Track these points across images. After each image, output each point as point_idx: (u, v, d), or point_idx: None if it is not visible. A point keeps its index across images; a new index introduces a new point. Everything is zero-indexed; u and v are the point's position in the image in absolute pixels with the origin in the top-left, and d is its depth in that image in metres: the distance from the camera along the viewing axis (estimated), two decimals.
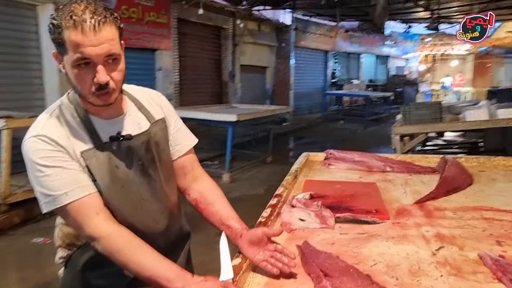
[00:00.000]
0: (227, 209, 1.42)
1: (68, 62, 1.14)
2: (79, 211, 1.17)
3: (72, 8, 1.10)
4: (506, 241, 1.47)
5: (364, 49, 18.42)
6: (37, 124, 1.22)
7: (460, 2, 11.55)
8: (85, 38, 1.08)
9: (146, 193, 1.32)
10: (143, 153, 1.33)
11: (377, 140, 10.28)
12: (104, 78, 1.13)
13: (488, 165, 2.65)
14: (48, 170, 1.16)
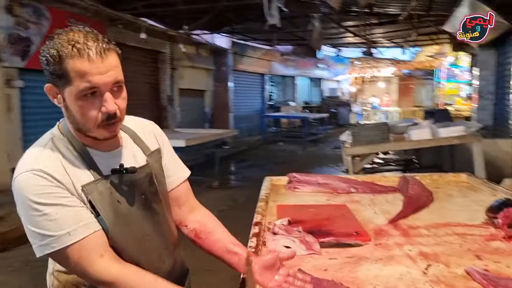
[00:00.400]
0: (230, 237, 1.37)
1: (71, 93, 1.06)
2: (82, 254, 1.06)
3: (70, 37, 1.05)
4: (485, 255, 1.56)
5: (298, 72, 19.07)
6: (29, 157, 1.11)
7: (386, 29, 12.37)
8: (92, 66, 1.03)
9: (149, 228, 1.24)
10: (147, 186, 1.25)
11: (317, 160, 10.59)
12: (113, 107, 1.08)
13: (441, 181, 2.82)
14: (46, 209, 1.04)
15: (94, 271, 1.07)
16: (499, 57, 7.96)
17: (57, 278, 1.21)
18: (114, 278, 1.07)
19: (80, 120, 1.10)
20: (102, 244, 1.10)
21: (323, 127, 15.66)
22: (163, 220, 1.32)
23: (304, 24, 10.19)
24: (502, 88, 7.65)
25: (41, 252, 1.06)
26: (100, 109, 1.08)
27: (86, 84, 1.04)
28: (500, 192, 2.36)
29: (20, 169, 1.08)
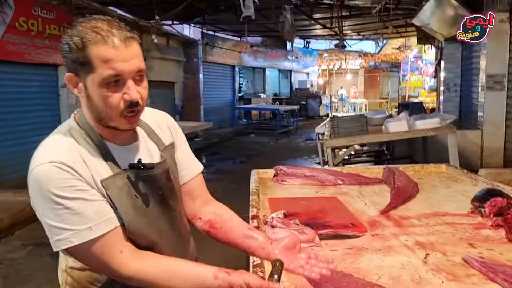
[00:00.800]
0: (245, 224, 1.36)
1: (94, 81, 1.03)
2: (104, 249, 1.04)
3: (93, 24, 1.02)
4: (477, 243, 1.63)
5: (268, 63, 19.08)
6: (48, 148, 1.07)
7: (354, 22, 12.57)
8: (117, 52, 1.01)
9: (165, 224, 1.22)
10: (164, 182, 1.23)
11: (290, 152, 10.67)
12: (136, 95, 1.06)
13: (423, 172, 2.91)
14: (68, 202, 1.01)
15: (114, 266, 1.06)
16: (464, 51, 8.25)
17: (70, 275, 1.18)
18: (134, 273, 1.07)
19: (102, 108, 1.06)
20: (122, 240, 1.09)
21: (293, 119, 15.76)
22: (179, 216, 1.31)
23: (274, 15, 10.22)
24: (467, 81, 7.95)
25: (58, 247, 1.03)
26: (123, 97, 1.05)
27: (110, 71, 1.02)
28: (481, 182, 2.47)
29: (39, 161, 1.04)
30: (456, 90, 8.41)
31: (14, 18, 7.04)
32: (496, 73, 5.88)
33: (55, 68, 8.41)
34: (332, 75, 26.98)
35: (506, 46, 5.79)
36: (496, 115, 5.95)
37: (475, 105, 7.05)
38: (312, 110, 19.21)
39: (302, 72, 22.87)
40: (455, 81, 8.47)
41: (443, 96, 8.79)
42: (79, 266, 1.15)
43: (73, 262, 1.16)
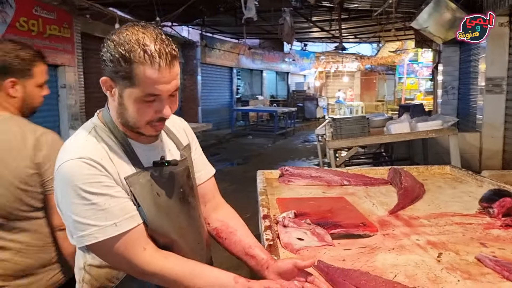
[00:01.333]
0: (250, 238, 1.35)
1: (132, 95, 1.07)
2: (127, 246, 1.06)
3: (140, 38, 1.03)
4: (489, 243, 1.65)
5: (265, 65, 19.13)
6: (75, 145, 1.10)
7: (352, 25, 12.62)
8: (160, 75, 1.04)
9: (185, 221, 1.24)
10: (185, 180, 1.26)
11: (288, 153, 10.70)
12: (169, 113, 1.11)
13: (427, 173, 2.93)
14: (96, 198, 1.03)
15: (137, 262, 1.08)
16: (462, 54, 8.30)
17: (88, 272, 1.19)
18: (158, 270, 1.09)
19: (133, 118, 1.10)
20: (145, 237, 1.11)
21: (291, 121, 15.79)
22: (198, 214, 1.33)
23: (273, 18, 10.25)
24: (465, 84, 8.00)
25: (82, 242, 1.05)
26: (156, 111, 1.09)
27: (151, 90, 1.05)
28: (486, 183, 2.50)
29: (67, 156, 1.06)
30: (454, 92, 8.46)
31: (15, 18, 7.04)
32: (496, 76, 5.92)
33: (55, 69, 8.40)
34: (329, 78, 27.07)
35: (505, 49, 5.84)
36: (495, 118, 5.99)
37: (473, 108, 7.10)
38: (309, 112, 19.25)
39: (299, 74, 22.93)
40: (453, 84, 8.52)
41: (441, 98, 8.85)
42: (98, 263, 1.16)
43: (92, 259, 1.17)
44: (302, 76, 23.33)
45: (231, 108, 16.11)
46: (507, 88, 5.89)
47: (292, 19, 9.86)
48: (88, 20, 8.79)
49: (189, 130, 1.43)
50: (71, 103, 8.66)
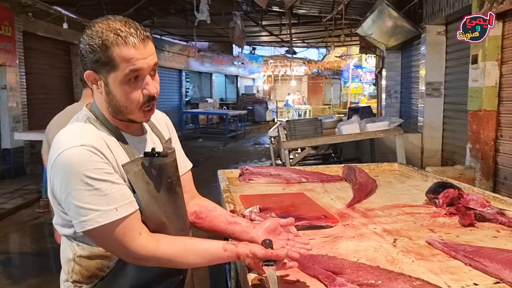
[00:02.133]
0: (228, 212, 1.49)
1: (116, 79, 1.11)
2: (126, 230, 1.10)
3: (111, 25, 1.09)
4: (436, 229, 1.83)
5: (215, 68, 19.16)
6: (73, 133, 1.13)
7: (300, 30, 12.98)
8: (137, 51, 1.10)
9: (171, 210, 1.29)
10: (173, 171, 1.31)
11: (240, 156, 10.81)
12: (154, 89, 1.15)
13: (378, 170, 3.14)
14: (98, 184, 1.07)
15: (134, 247, 1.12)
16: (404, 60, 8.83)
17: (78, 263, 1.20)
18: (152, 254, 1.13)
19: (123, 103, 1.14)
20: (141, 222, 1.15)
21: (241, 124, 15.93)
22: (183, 203, 1.39)
23: (223, 21, 10.35)
24: (407, 88, 8.51)
25: (83, 227, 1.08)
26: (142, 92, 1.14)
27: (131, 67, 1.09)
28: (431, 178, 2.72)
29: (67, 144, 1.08)
30: (396, 96, 8.96)
31: None
32: (434, 81, 6.37)
33: None
34: (277, 81, 27.54)
35: (442, 56, 6.30)
36: (435, 119, 6.44)
37: (414, 110, 7.56)
38: (259, 115, 19.49)
39: (248, 77, 23.16)
40: (395, 88, 9.02)
41: (385, 102, 9.32)
42: (88, 254, 1.18)
43: (82, 250, 1.19)
44: (251, 79, 23.57)
45: (181, 111, 16.00)
46: (444, 92, 6.35)
47: (243, 23, 10.01)
48: (31, 18, 8.43)
49: (170, 123, 1.49)
50: (12, 105, 8.24)
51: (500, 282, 1.31)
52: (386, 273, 1.24)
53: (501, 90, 4.40)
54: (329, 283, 1.29)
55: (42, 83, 9.56)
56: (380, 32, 8.32)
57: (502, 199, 2.17)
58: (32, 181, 7.30)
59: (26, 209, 6.02)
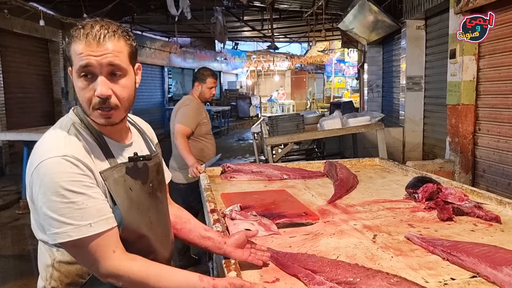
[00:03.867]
0: (201, 224, 1.50)
1: (74, 74, 1.11)
2: (99, 247, 1.07)
3: (84, 24, 1.11)
4: (415, 224, 1.85)
5: (197, 64, 18.97)
6: (56, 142, 1.10)
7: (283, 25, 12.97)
8: (87, 48, 1.08)
9: (154, 216, 1.27)
10: (155, 175, 1.29)
11: (224, 152, 10.68)
12: (104, 91, 1.09)
13: (359, 166, 3.16)
14: (75, 197, 1.04)
15: (106, 265, 1.09)
16: (385, 54, 8.89)
17: (57, 269, 1.17)
18: (124, 272, 1.10)
19: (81, 101, 1.12)
20: (116, 240, 1.12)
21: (224, 120, 15.87)
22: (165, 209, 1.37)
23: (205, 16, 10.27)
24: (388, 82, 8.58)
25: (55, 240, 1.05)
26: (93, 90, 1.10)
27: (80, 62, 1.08)
28: (411, 172, 2.75)
29: (48, 154, 1.06)
30: (378, 90, 9.03)
31: None
32: (415, 75, 6.43)
33: None
34: (260, 77, 27.51)
35: (422, 50, 6.36)
36: (415, 113, 6.52)
37: (396, 105, 7.63)
38: (242, 111, 19.45)
39: (231, 73, 23.07)
40: (377, 82, 9.09)
41: (367, 96, 9.39)
42: (68, 259, 1.16)
43: (61, 255, 1.16)
44: (234, 75, 23.49)
45: (163, 107, 15.84)
46: (425, 86, 6.42)
47: (224, 18, 9.95)
48: (6, 15, 8.22)
49: (154, 135, 1.48)
50: None
51: (477, 276, 1.33)
52: (364, 270, 1.24)
53: (478, 84, 4.47)
54: (309, 282, 1.29)
55: (20, 81, 9.35)
56: (361, 27, 8.36)
57: (479, 193, 2.20)
58: (12, 182, 7.15)
59: (5, 211, 5.90)
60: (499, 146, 4.19)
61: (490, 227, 1.79)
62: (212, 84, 3.56)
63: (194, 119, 3.46)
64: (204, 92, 3.57)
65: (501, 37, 4.12)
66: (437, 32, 5.96)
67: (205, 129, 3.57)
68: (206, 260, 3.05)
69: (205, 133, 3.57)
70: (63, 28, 10.26)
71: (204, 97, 3.59)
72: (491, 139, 4.31)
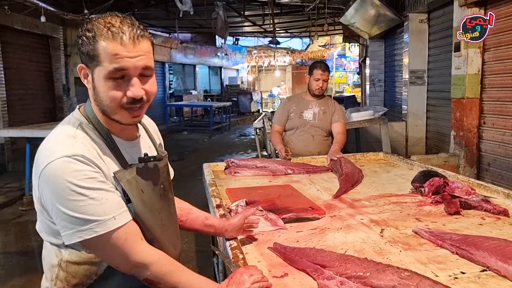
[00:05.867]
0: (202, 213, 1.57)
1: (100, 74, 1.07)
2: (128, 238, 1.07)
3: (107, 20, 1.07)
4: (422, 218, 1.83)
5: (198, 60, 18.96)
6: (63, 143, 1.07)
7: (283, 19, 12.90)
8: (123, 49, 1.05)
9: (165, 218, 1.26)
10: (165, 176, 1.28)
11: (226, 148, 10.75)
12: (139, 92, 1.09)
13: (363, 160, 3.14)
14: (93, 193, 1.03)
15: (137, 253, 1.08)
16: (387, 48, 8.84)
17: (64, 270, 1.15)
18: (156, 260, 1.10)
19: (105, 100, 1.09)
20: (139, 229, 1.12)
21: (226, 116, 15.84)
22: (175, 210, 1.36)
23: (206, 11, 10.21)
24: (390, 77, 8.54)
25: (81, 237, 1.03)
26: (126, 92, 1.08)
27: (114, 65, 1.05)
28: (416, 166, 2.73)
29: (57, 153, 1.04)
30: (380, 85, 8.99)
31: None
32: (418, 69, 6.40)
33: None
34: (261, 72, 27.44)
35: (425, 44, 6.32)
36: (418, 107, 6.48)
37: (398, 99, 7.60)
38: (244, 107, 19.42)
39: (232, 68, 23.01)
40: (379, 76, 9.05)
41: (369, 91, 9.36)
42: (76, 259, 1.13)
43: (69, 255, 1.13)
44: (235, 70, 23.43)
45: (164, 103, 15.82)
46: (428, 80, 6.39)
47: (225, 13, 9.89)
48: (7, 11, 8.20)
49: (158, 131, 1.46)
50: None
51: (487, 270, 1.31)
52: (374, 265, 1.23)
53: (483, 78, 4.44)
54: (318, 276, 1.28)
55: (21, 78, 9.33)
56: (363, 21, 8.31)
57: (486, 186, 2.19)
58: (14, 179, 7.15)
59: (9, 208, 5.89)
60: (504, 140, 4.16)
61: (498, 220, 1.77)
62: (318, 76, 3.37)
63: (278, 115, 3.53)
64: (310, 83, 3.45)
65: (506, 30, 4.09)
66: (440, 25, 5.92)
67: (290, 124, 3.45)
68: None
69: (289, 128, 3.46)
70: (64, 24, 10.23)
71: (311, 89, 3.46)
72: (497, 132, 4.29)
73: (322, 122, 3.37)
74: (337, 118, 3.38)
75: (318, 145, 3.34)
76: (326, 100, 3.48)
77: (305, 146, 3.36)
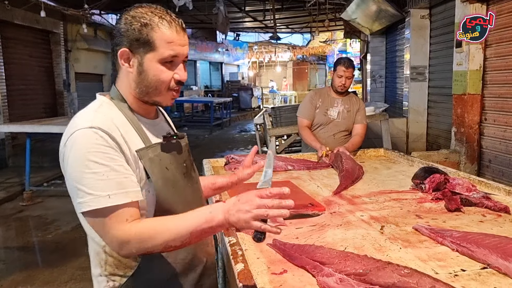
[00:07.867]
0: (206, 178, 1.60)
1: (153, 59, 1.15)
2: (112, 217, 1.07)
3: (153, 10, 1.16)
4: (423, 214, 1.83)
5: (199, 56, 18.93)
6: (86, 116, 1.13)
7: (284, 15, 12.85)
8: (178, 37, 1.16)
9: (190, 195, 1.29)
10: (187, 155, 1.31)
11: (226, 143, 10.76)
12: (185, 76, 1.21)
13: (364, 156, 3.13)
14: (97, 167, 1.05)
15: (116, 232, 1.07)
16: (388, 44, 8.81)
17: (110, 254, 1.18)
18: (133, 235, 1.06)
19: (154, 83, 1.17)
20: (133, 214, 1.10)
21: (226, 111, 15.83)
22: (199, 188, 1.39)
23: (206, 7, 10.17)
24: (391, 73, 8.51)
25: (80, 209, 1.07)
26: (173, 76, 1.18)
27: (171, 51, 1.15)
28: (416, 163, 2.72)
29: (78, 126, 1.10)
30: (381, 81, 8.97)
31: None
32: (419, 65, 6.37)
33: None
34: (262, 68, 27.39)
35: (426, 40, 6.29)
36: (419, 104, 6.46)
37: (399, 95, 7.57)
38: (244, 102, 19.40)
39: (233, 64, 22.97)
40: (380, 72, 9.02)
41: (369, 87, 9.33)
42: None
43: None
44: (236, 66, 23.40)
45: None
46: (429, 76, 6.36)
47: (226, 8, 9.85)
48: (7, 6, 8.17)
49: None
50: None
51: (487, 267, 1.31)
52: (374, 262, 1.22)
53: (485, 74, 4.42)
54: (317, 273, 1.27)
55: (22, 73, 9.32)
56: (364, 17, 8.27)
57: (487, 183, 2.18)
58: (15, 174, 7.15)
59: (9, 203, 5.90)
60: (506, 136, 4.15)
61: (499, 217, 1.77)
62: (341, 73, 3.27)
63: (305, 109, 3.45)
64: (333, 80, 3.38)
65: (508, 26, 4.07)
66: (442, 21, 5.89)
67: (314, 119, 3.40)
68: None
69: (316, 123, 3.40)
70: (64, 19, 10.21)
71: (334, 85, 3.37)
72: (498, 129, 4.27)
73: (345, 121, 3.34)
74: (359, 119, 3.34)
75: (337, 144, 3.26)
76: (350, 98, 3.43)
77: (324, 144, 3.29)
